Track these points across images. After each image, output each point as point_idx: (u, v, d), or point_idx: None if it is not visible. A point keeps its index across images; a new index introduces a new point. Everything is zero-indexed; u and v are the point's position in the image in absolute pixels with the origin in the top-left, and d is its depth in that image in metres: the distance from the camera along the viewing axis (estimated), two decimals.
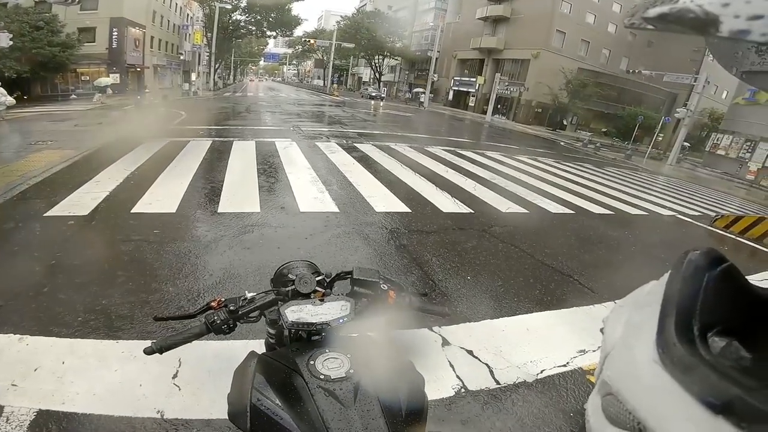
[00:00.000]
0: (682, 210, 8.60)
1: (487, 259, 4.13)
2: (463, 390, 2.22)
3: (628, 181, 11.53)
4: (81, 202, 4.46)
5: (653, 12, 0.30)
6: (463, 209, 5.69)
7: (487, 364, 2.45)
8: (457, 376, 2.31)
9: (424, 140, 12.64)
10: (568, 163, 12.71)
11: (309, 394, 0.80)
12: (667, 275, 0.45)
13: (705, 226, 7.48)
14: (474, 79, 35.53)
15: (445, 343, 2.61)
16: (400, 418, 0.82)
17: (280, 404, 0.80)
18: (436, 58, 36.26)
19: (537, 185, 8.08)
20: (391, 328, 1.07)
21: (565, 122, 31.64)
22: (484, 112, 30.49)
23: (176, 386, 2.01)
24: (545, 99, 30.46)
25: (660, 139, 22.54)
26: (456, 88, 38.68)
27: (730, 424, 0.27)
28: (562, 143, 21.47)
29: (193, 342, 0.93)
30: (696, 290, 0.38)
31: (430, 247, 4.20)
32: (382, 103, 32.75)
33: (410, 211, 5.28)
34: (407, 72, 48.45)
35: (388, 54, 45.58)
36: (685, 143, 21.70)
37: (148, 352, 0.90)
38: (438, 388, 2.17)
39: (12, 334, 2.26)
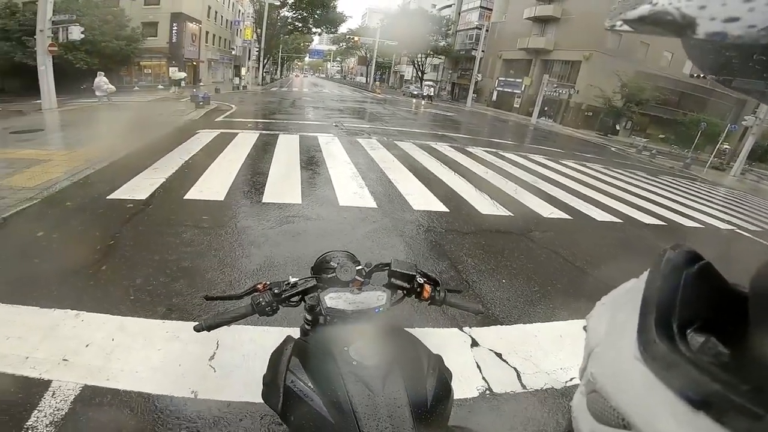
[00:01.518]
0: (742, 224, 7.93)
1: (525, 263, 4.03)
2: (487, 392, 2.20)
3: (685, 191, 10.76)
4: (140, 186, 4.80)
5: (632, 14, 0.30)
6: (503, 212, 5.57)
7: (515, 368, 2.41)
8: (483, 378, 2.29)
9: (465, 140, 12.46)
10: (618, 170, 12.05)
11: (340, 378, 0.83)
12: (646, 273, 0.45)
13: (766, 243, 6.86)
14: (520, 80, 34.43)
15: (474, 344, 2.59)
16: (425, 409, 0.83)
17: (312, 387, 0.84)
18: (481, 58, 35.48)
19: (583, 191, 7.74)
20: (423, 322, 1.10)
21: (617, 127, 29.91)
22: (530, 114, 29.49)
23: (212, 368, 2.09)
24: (596, 102, 28.93)
25: (724, 148, 20.81)
26: (500, 89, 37.66)
27: (710, 419, 0.27)
28: (613, 149, 20.37)
29: (233, 325, 0.99)
30: (674, 288, 0.37)
31: (466, 248, 4.16)
32: (423, 102, 32.55)
33: (448, 210, 5.25)
34: (450, 71, 47.80)
35: (431, 53, 45.17)
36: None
37: (198, 329, 0.97)
38: (462, 387, 2.16)
39: (69, 310, 2.43)
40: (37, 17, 11.02)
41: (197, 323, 0.97)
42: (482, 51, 35.34)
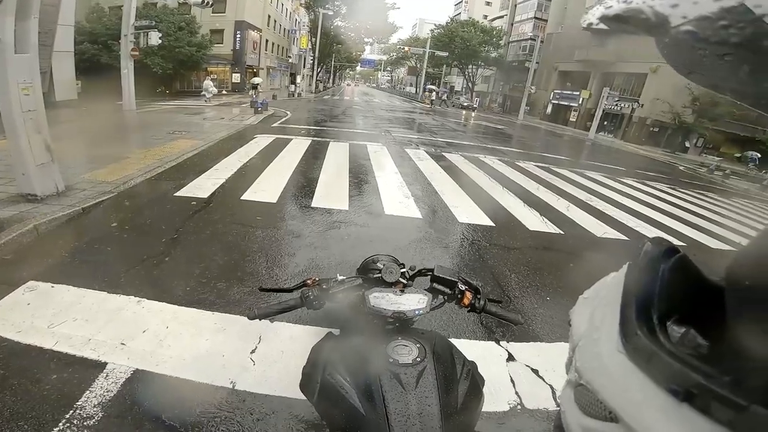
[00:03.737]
0: None
1: (572, 282, 3.85)
2: (519, 407, 2.15)
3: (760, 215, 9.72)
4: (203, 186, 5.19)
5: (608, 12, 0.30)
6: (552, 229, 5.36)
7: (551, 386, 2.33)
8: (516, 393, 2.24)
9: (515, 154, 12.14)
10: (685, 190, 11.12)
11: (376, 375, 0.86)
12: (626, 266, 0.43)
13: None
14: (577, 93, 32.96)
15: (511, 358, 2.54)
16: (455, 410, 0.85)
17: (348, 380, 0.88)
18: (534, 70, 34.45)
19: (642, 211, 7.24)
20: (461, 332, 1.11)
21: (687, 144, 27.58)
22: (587, 129, 28.08)
23: (252, 360, 2.19)
24: (664, 117, 26.94)
25: None
26: (555, 102, 36.28)
27: (694, 410, 0.27)
28: (681, 167, 18.86)
29: (276, 321, 1.05)
30: (653, 280, 0.37)
31: (510, 264, 4.06)
32: (473, 114, 32.12)
33: (494, 225, 5.14)
34: (502, 83, 46.87)
35: (482, 63, 44.58)
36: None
37: (251, 317, 1.04)
38: (494, 400, 2.13)
39: (133, 296, 2.65)
40: (122, 22, 11.95)
41: (250, 312, 1.04)
42: (536, 62, 34.31)
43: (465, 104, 38.16)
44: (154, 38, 12.90)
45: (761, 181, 16.96)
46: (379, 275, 1.07)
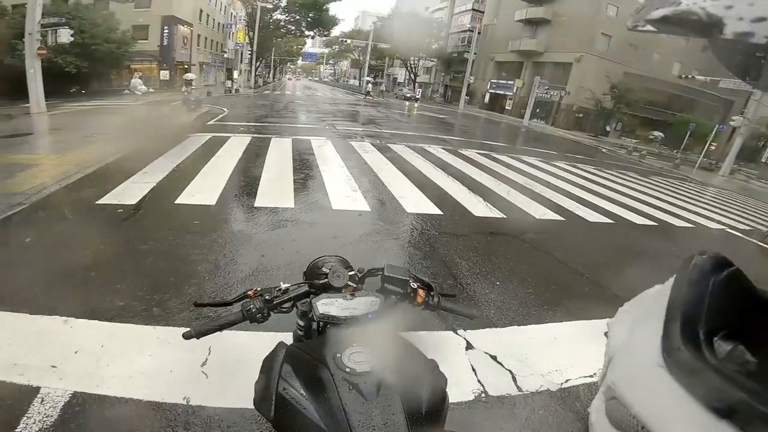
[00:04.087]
0: (732, 224, 8.03)
1: (518, 265, 4.04)
2: (483, 395, 2.19)
3: (675, 192, 10.90)
4: (130, 191, 4.74)
5: (656, 14, 0.30)
6: (496, 214, 5.58)
7: (510, 371, 2.41)
8: (479, 381, 2.29)
9: (457, 143, 12.51)
10: (609, 171, 12.17)
11: (333, 386, 0.81)
12: (672, 279, 0.44)
13: (756, 241, 6.96)
14: (512, 82, 34.71)
15: (469, 347, 2.59)
16: (420, 416, 0.82)
17: (304, 394, 0.82)
18: (473, 60, 35.71)
19: (575, 192, 7.80)
20: (417, 327, 1.08)
21: (608, 128, 30.27)
22: (522, 116, 29.73)
23: (204, 374, 2.08)
24: (587, 104, 29.28)
25: (712, 148, 21.14)
26: (493, 91, 37.95)
27: (735, 429, 0.26)
28: (604, 150, 20.59)
29: (225, 331, 0.97)
30: (701, 294, 0.37)
31: (460, 250, 4.16)
32: (416, 104, 32.67)
33: (441, 213, 5.25)
34: (443, 74, 48.09)
35: (424, 55, 45.41)
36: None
37: (187, 336, 0.95)
38: (458, 391, 2.16)
39: (58, 317, 2.39)
40: (26, 20, 10.87)
41: (186, 330, 0.95)
42: (474, 53, 35.59)
43: (408, 95, 38.61)
44: (65, 36, 11.88)
45: (673, 159, 19.01)
46: (326, 280, 1.01)
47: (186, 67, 29.32)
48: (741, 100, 26.24)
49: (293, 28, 39.40)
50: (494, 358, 2.51)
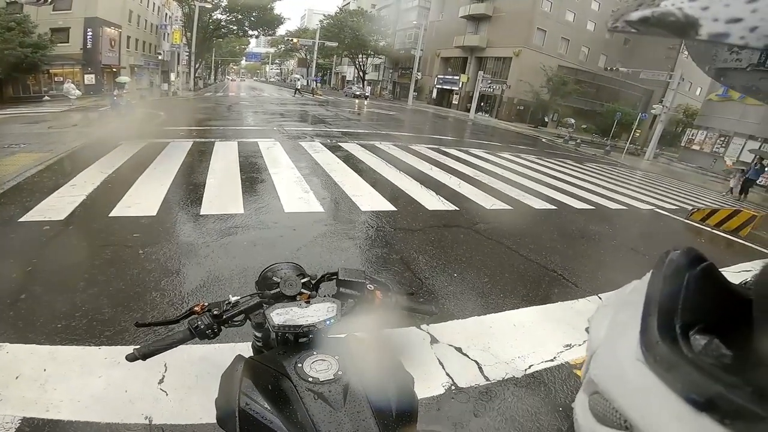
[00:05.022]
0: (659, 204, 8.85)
1: (473, 256, 4.17)
2: (453, 387, 2.24)
3: (608, 177, 11.79)
4: (57, 206, 4.31)
5: (635, 16, 0.31)
6: (449, 207, 5.72)
7: (476, 361, 2.47)
8: (447, 374, 2.33)
9: (408, 138, 12.66)
10: (549, 160, 12.93)
11: (298, 397, 0.79)
12: (648, 274, 0.46)
13: (682, 219, 7.72)
14: (457, 77, 35.77)
15: (434, 341, 2.62)
16: (391, 419, 0.82)
17: (269, 408, 0.79)
18: (420, 57, 36.34)
19: (520, 182, 8.20)
20: (378, 327, 1.07)
21: (546, 119, 32.17)
22: (468, 110, 30.75)
23: (163, 391, 1.97)
24: (527, 96, 30.91)
25: (637, 135, 23.14)
26: (440, 86, 38.88)
27: (713, 421, 0.27)
28: (543, 140, 21.81)
29: (179, 347, 0.91)
30: (677, 289, 0.39)
31: (416, 245, 4.22)
32: (366, 102, 32.67)
33: (396, 209, 5.29)
34: (391, 70, 48.44)
35: (372, 53, 45.48)
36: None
37: (131, 358, 0.89)
38: (428, 386, 2.19)
39: None
40: None
41: (129, 352, 0.88)
42: (421, 50, 36.21)
43: (357, 93, 38.42)
44: None
45: (604, 147, 20.56)
46: (278, 289, 0.98)
47: (115, 70, 27.40)
48: (660, 90, 28.97)
49: (235, 28, 37.69)
50: (459, 350, 2.56)
